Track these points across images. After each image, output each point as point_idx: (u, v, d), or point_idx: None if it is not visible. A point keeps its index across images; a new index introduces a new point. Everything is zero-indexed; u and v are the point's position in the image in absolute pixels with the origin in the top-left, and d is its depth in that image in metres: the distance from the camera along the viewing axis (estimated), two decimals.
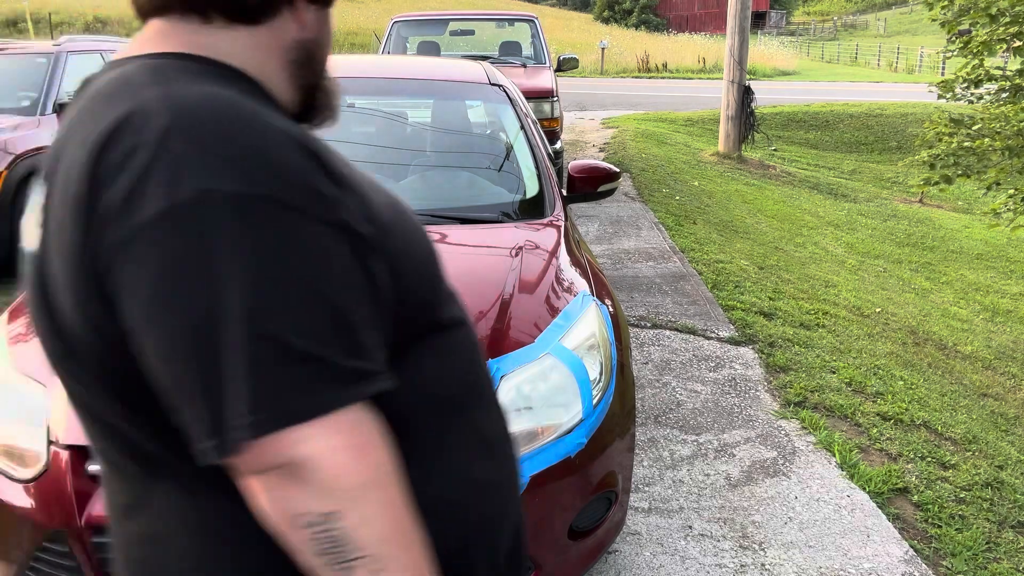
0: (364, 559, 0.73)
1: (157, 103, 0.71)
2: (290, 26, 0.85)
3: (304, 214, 0.71)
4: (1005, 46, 6.31)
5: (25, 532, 1.78)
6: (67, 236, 0.71)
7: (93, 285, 0.70)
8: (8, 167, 5.01)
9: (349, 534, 0.72)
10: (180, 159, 0.67)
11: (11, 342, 2.10)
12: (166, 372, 0.69)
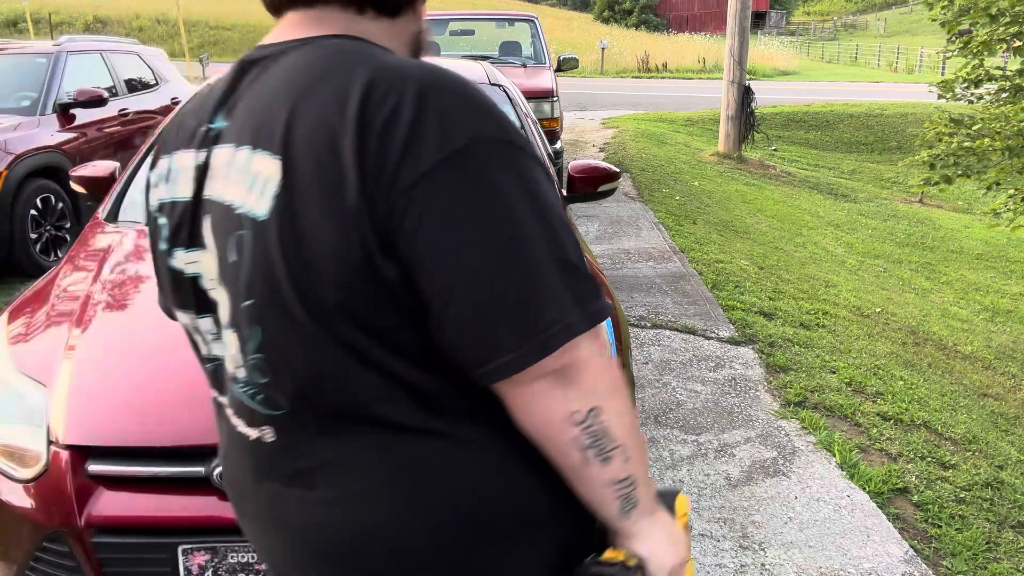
0: (618, 448, 0.85)
1: (401, 69, 0.81)
2: (413, 20, 0.99)
3: (531, 155, 0.85)
4: (1005, 46, 6.31)
5: (25, 532, 1.78)
6: (334, 190, 0.77)
7: (369, 229, 0.77)
8: (8, 167, 5.01)
9: (608, 428, 0.84)
10: (445, 113, 0.79)
11: (11, 342, 2.10)
12: (480, 291, 0.78)
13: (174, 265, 0.93)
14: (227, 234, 0.85)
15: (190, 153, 0.91)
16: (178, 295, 0.95)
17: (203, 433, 1.75)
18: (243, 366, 0.88)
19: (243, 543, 1.72)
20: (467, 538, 0.87)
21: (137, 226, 2.64)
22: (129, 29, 25.58)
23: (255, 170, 0.83)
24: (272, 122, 0.82)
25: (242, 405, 0.91)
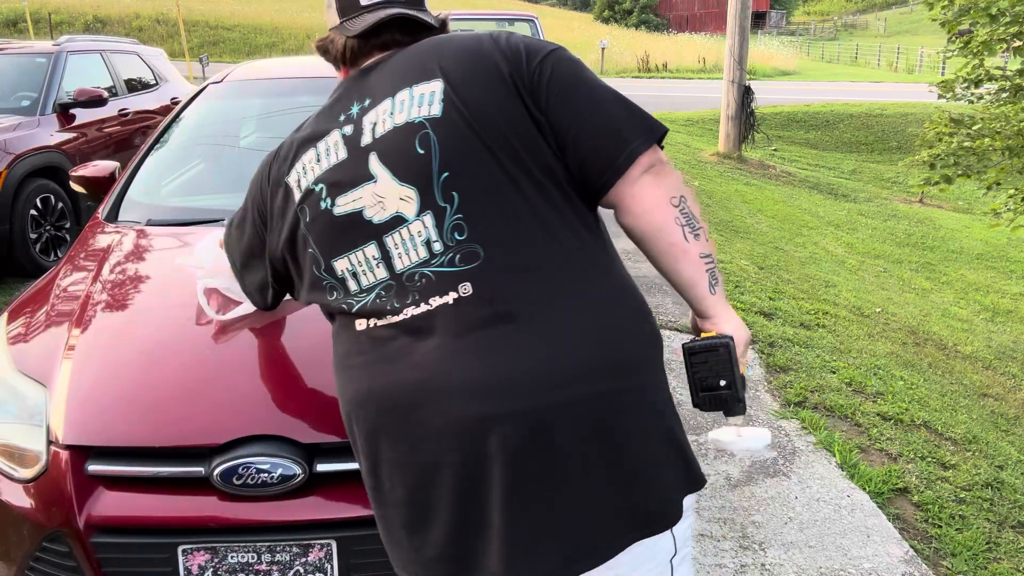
0: (702, 228, 1.24)
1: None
2: None
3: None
4: (1005, 46, 6.30)
5: (25, 532, 1.78)
6: (491, 77, 1.20)
7: (521, 89, 1.20)
8: (8, 167, 5.01)
9: (692, 211, 1.24)
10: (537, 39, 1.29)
11: (11, 342, 2.10)
12: (601, 108, 1.22)
13: (337, 212, 1.23)
14: (406, 143, 1.18)
15: (333, 135, 1.27)
16: (341, 240, 1.23)
17: (203, 433, 1.75)
18: (439, 239, 1.16)
19: (243, 543, 1.72)
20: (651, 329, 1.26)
21: (137, 226, 2.64)
22: (129, 29, 25.57)
23: (418, 94, 1.20)
24: (420, 67, 1.22)
25: (431, 282, 1.17)
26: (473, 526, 1.15)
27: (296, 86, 3.41)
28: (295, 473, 1.71)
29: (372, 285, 1.23)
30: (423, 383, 1.15)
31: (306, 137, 1.31)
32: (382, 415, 1.19)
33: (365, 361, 1.23)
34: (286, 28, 28.79)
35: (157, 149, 3.07)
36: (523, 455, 1.12)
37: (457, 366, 1.14)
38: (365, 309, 1.23)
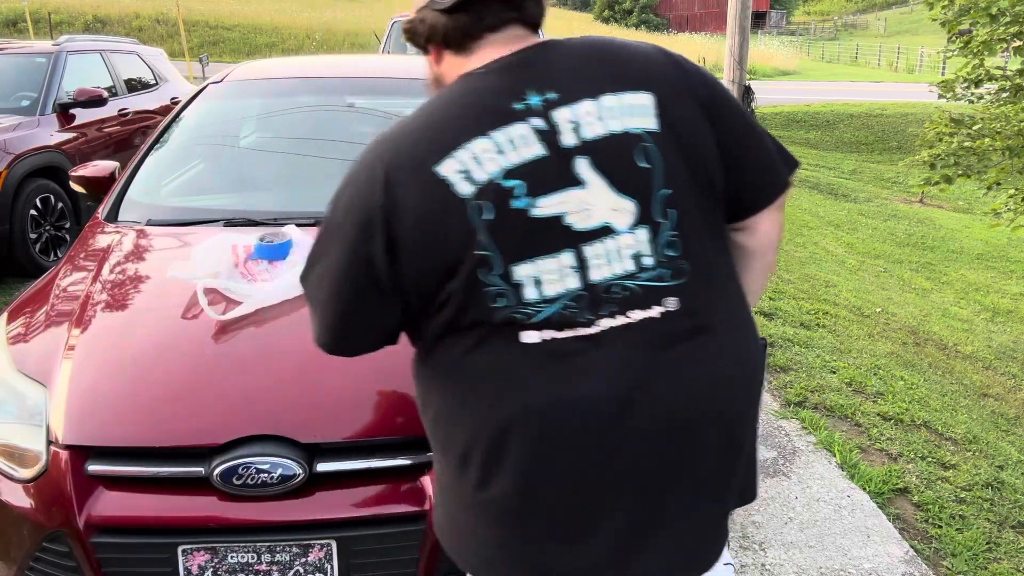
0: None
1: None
2: None
3: None
4: (1005, 46, 6.30)
5: (25, 532, 1.78)
6: (690, 100, 1.22)
7: (709, 114, 1.23)
8: (8, 167, 5.01)
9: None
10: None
11: (11, 342, 2.10)
12: (764, 143, 1.29)
13: (535, 214, 1.14)
14: (625, 153, 1.16)
15: (516, 125, 1.16)
16: (531, 243, 1.14)
17: (203, 433, 1.75)
18: (651, 254, 1.16)
19: (243, 543, 1.72)
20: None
21: (137, 226, 2.64)
22: (129, 29, 25.56)
23: (628, 103, 1.18)
24: (619, 74, 1.21)
25: (635, 295, 1.16)
26: (643, 529, 1.18)
27: (296, 86, 3.41)
28: (295, 473, 1.71)
29: (558, 295, 1.15)
30: (625, 394, 1.15)
31: (461, 123, 1.17)
32: (566, 428, 1.15)
33: (539, 374, 1.16)
34: (286, 28, 28.78)
35: (157, 149, 3.07)
36: (713, 458, 1.21)
37: (663, 376, 1.17)
38: (546, 320, 1.15)
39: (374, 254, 1.16)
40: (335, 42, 27.44)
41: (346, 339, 1.30)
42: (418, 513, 1.74)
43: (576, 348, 1.15)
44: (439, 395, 1.25)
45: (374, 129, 3.28)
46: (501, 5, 1.24)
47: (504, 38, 1.25)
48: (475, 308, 1.16)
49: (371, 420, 1.82)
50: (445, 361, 1.22)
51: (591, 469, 1.15)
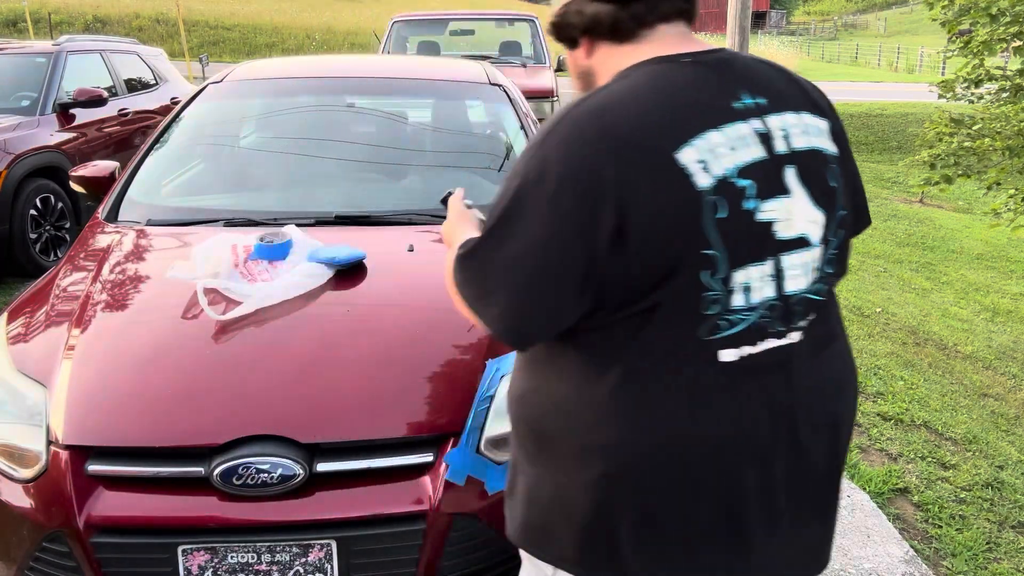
0: None
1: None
2: None
3: None
4: (1005, 46, 6.30)
5: (25, 532, 1.77)
6: (843, 134, 1.26)
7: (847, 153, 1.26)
8: (8, 167, 5.01)
9: None
10: None
11: (11, 342, 2.10)
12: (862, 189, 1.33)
13: (759, 217, 1.10)
14: (821, 170, 1.18)
15: (740, 125, 1.12)
16: (751, 248, 1.10)
17: (203, 433, 1.76)
18: (820, 269, 1.18)
19: (243, 543, 1.72)
20: None
21: (137, 226, 2.64)
22: (129, 29, 25.55)
23: (816, 125, 1.20)
24: (801, 95, 1.21)
25: (806, 306, 1.17)
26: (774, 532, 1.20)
27: (296, 86, 3.41)
28: (295, 473, 1.71)
29: (758, 304, 1.11)
30: (795, 405, 1.16)
31: (689, 111, 1.10)
32: (763, 443, 1.14)
33: (732, 392, 1.12)
34: (286, 28, 28.77)
35: (157, 149, 3.07)
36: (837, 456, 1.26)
37: (816, 384, 1.20)
38: (744, 331, 1.11)
39: (598, 233, 1.04)
40: (335, 42, 27.43)
41: (532, 329, 1.13)
42: (418, 513, 1.74)
43: (767, 362, 1.13)
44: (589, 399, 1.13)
45: (374, 129, 3.29)
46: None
47: (675, 32, 1.21)
48: (683, 314, 1.08)
49: (371, 420, 1.82)
50: (609, 363, 1.11)
51: (778, 477, 1.16)
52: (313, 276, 2.17)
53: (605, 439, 1.12)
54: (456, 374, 1.95)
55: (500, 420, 1.87)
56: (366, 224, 2.62)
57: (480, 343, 2.01)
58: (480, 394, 1.87)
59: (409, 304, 2.20)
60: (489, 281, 1.11)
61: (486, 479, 1.80)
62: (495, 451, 1.84)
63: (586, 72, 1.27)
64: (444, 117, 3.43)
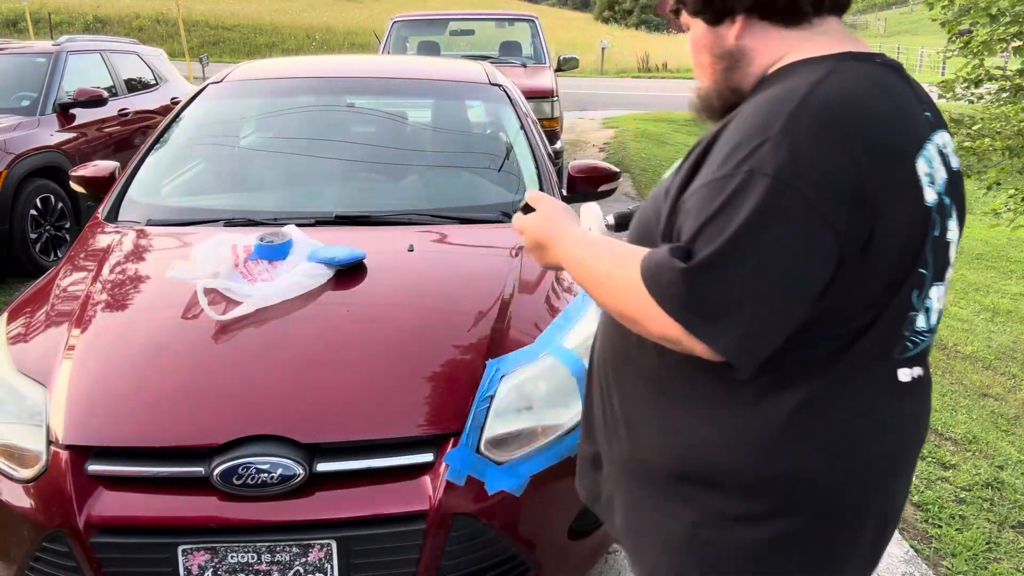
0: None
1: None
2: None
3: None
4: (1005, 46, 6.30)
5: (25, 532, 1.78)
6: None
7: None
8: (8, 167, 5.01)
9: None
10: None
11: (11, 342, 2.10)
12: None
13: (948, 237, 1.06)
14: (962, 191, 1.08)
15: (933, 138, 1.05)
16: (940, 268, 1.05)
17: (203, 433, 1.76)
18: (937, 309, 1.09)
19: (243, 543, 1.72)
20: None
21: (137, 226, 2.64)
22: (129, 29, 25.55)
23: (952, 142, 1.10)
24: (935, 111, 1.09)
25: (922, 350, 1.10)
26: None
27: (296, 86, 3.41)
28: (295, 473, 1.71)
29: (934, 325, 1.09)
30: (927, 424, 1.18)
31: (912, 117, 1.03)
32: (910, 464, 1.16)
33: (906, 414, 1.10)
34: (286, 28, 28.77)
35: (157, 149, 3.07)
36: None
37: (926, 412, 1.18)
38: (919, 352, 1.09)
39: (853, 240, 0.95)
40: (335, 42, 27.42)
41: (769, 349, 0.98)
42: (418, 513, 1.74)
43: (916, 385, 1.11)
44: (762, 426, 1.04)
45: (374, 129, 3.30)
46: None
47: (840, 25, 1.11)
48: (889, 332, 1.03)
49: (371, 420, 1.82)
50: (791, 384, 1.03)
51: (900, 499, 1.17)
52: (313, 276, 2.17)
53: (784, 468, 1.04)
54: (456, 374, 1.95)
55: (500, 420, 1.87)
56: (366, 224, 2.62)
57: (480, 343, 2.01)
58: (480, 394, 1.87)
59: (409, 304, 2.20)
60: (734, 296, 0.93)
61: (486, 479, 1.80)
62: (495, 451, 1.84)
63: (732, 54, 1.10)
64: (444, 117, 3.43)
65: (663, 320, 0.97)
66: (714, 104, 1.16)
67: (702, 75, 1.16)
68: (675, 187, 1.05)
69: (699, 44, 1.14)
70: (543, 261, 1.24)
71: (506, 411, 1.89)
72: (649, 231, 1.11)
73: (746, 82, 1.11)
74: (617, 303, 1.04)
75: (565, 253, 1.15)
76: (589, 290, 1.10)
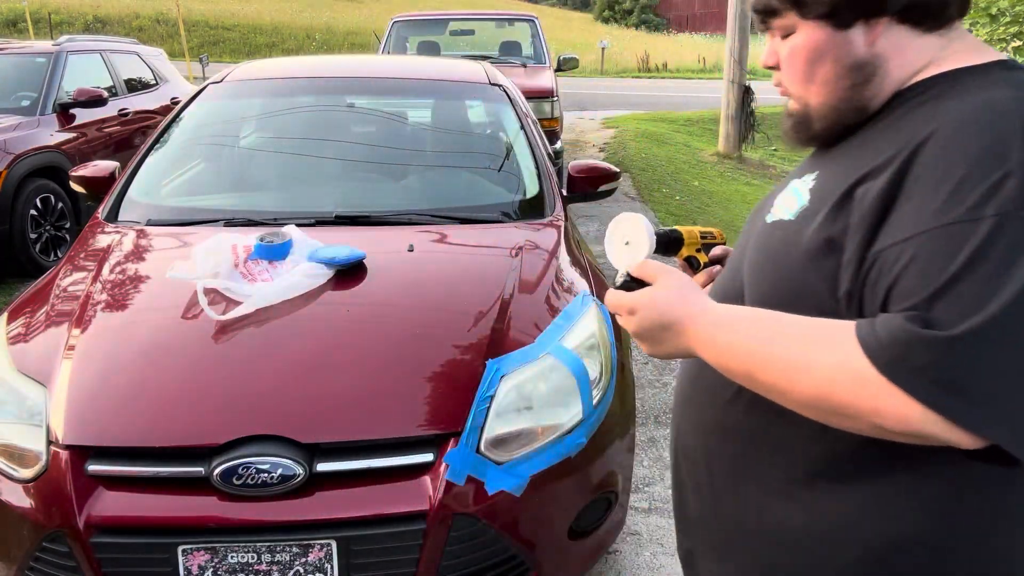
0: None
1: None
2: None
3: None
4: (1005, 46, 6.30)
5: (25, 532, 1.78)
6: None
7: None
8: (8, 167, 5.01)
9: None
10: None
11: (11, 342, 2.10)
12: None
13: None
14: None
15: None
16: None
17: (203, 433, 1.76)
18: None
19: (243, 543, 1.72)
20: None
21: (137, 226, 2.64)
22: (129, 29, 25.55)
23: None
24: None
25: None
26: None
27: (296, 86, 3.41)
28: (295, 473, 1.71)
29: None
30: None
31: None
32: None
33: None
34: (286, 28, 28.76)
35: (157, 149, 3.07)
36: None
37: None
38: None
39: None
40: (335, 42, 27.42)
41: None
42: (418, 513, 1.74)
43: None
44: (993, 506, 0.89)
45: (374, 129, 3.30)
46: None
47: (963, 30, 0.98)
48: None
49: (371, 420, 1.82)
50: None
51: None
52: (313, 276, 2.17)
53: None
54: (456, 374, 1.95)
55: (500, 420, 1.87)
56: (366, 224, 2.62)
57: (480, 343, 2.01)
58: (480, 394, 1.87)
59: (409, 304, 2.20)
60: (1017, 370, 0.78)
61: (486, 479, 1.80)
62: (495, 451, 1.84)
63: (865, 65, 0.95)
64: (444, 117, 3.43)
65: (903, 409, 0.79)
66: (817, 126, 1.00)
67: (817, 91, 0.98)
68: (857, 237, 0.86)
69: (817, 53, 0.96)
70: (664, 350, 1.00)
71: (506, 411, 1.89)
72: (794, 292, 0.93)
73: (878, 99, 0.95)
74: (822, 395, 0.84)
75: (708, 339, 0.94)
76: (762, 382, 0.89)
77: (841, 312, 0.88)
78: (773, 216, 1.01)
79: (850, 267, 0.86)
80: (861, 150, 0.94)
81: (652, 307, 0.98)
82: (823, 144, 1.02)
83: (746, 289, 1.02)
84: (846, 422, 0.85)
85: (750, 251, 1.04)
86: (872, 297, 0.84)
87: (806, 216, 0.94)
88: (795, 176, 1.05)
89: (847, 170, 0.92)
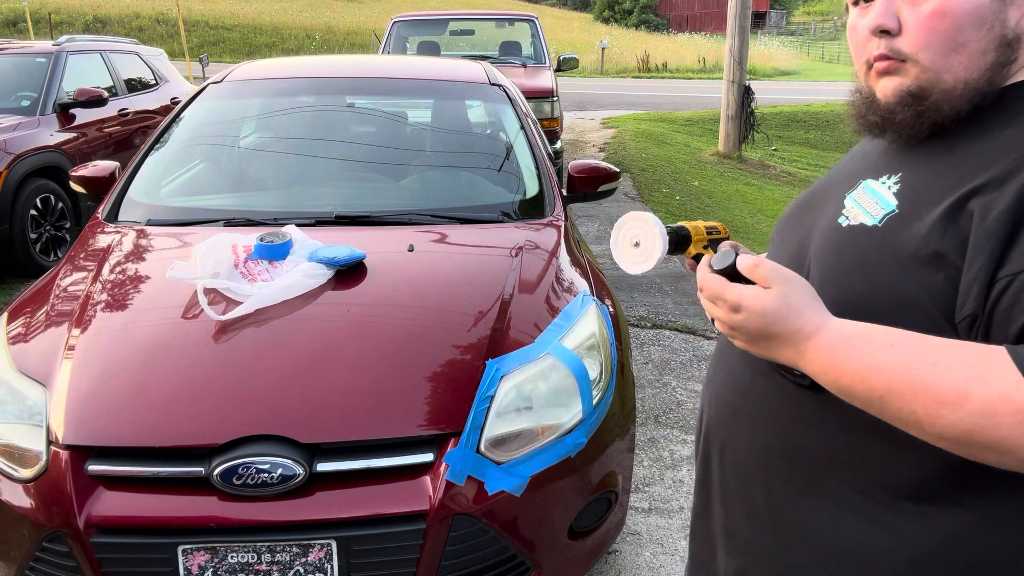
0: None
1: None
2: None
3: None
4: None
5: (25, 532, 1.78)
6: None
7: None
8: (8, 167, 5.01)
9: None
10: None
11: (11, 342, 2.10)
12: None
13: None
14: None
15: None
16: None
17: (203, 433, 1.76)
18: None
19: (243, 543, 1.72)
20: None
21: (137, 226, 2.64)
22: (129, 29, 25.57)
23: None
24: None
25: None
26: None
27: (296, 86, 3.41)
28: (295, 473, 1.71)
29: None
30: None
31: None
32: None
33: None
34: (286, 28, 28.77)
35: (157, 149, 3.07)
36: None
37: None
38: None
39: None
40: (335, 42, 27.43)
41: None
42: (418, 513, 1.74)
43: None
44: None
45: (374, 129, 3.30)
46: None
47: None
48: None
49: (371, 420, 1.82)
50: None
51: None
52: (313, 276, 2.17)
53: None
54: (456, 374, 1.95)
55: (500, 420, 1.87)
56: (366, 224, 2.62)
57: (480, 343, 2.01)
58: (480, 394, 1.87)
59: (409, 304, 2.20)
60: None
61: (486, 479, 1.80)
62: (495, 451, 1.84)
63: (1012, 42, 0.86)
64: (444, 117, 3.43)
65: None
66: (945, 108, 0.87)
67: (962, 63, 0.85)
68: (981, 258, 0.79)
69: (974, 17, 0.84)
70: (758, 351, 0.91)
71: (506, 411, 1.89)
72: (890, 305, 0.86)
73: (1006, 82, 0.86)
74: (975, 429, 0.76)
75: (828, 362, 0.84)
76: (893, 411, 0.81)
77: (944, 328, 0.82)
78: (849, 220, 0.92)
79: (974, 288, 0.79)
80: (966, 155, 0.85)
81: (762, 315, 0.87)
82: (912, 139, 0.91)
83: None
84: (992, 456, 0.77)
85: (821, 256, 0.95)
86: (1006, 321, 0.77)
87: (897, 222, 0.86)
88: (865, 175, 0.95)
89: (948, 176, 0.84)
